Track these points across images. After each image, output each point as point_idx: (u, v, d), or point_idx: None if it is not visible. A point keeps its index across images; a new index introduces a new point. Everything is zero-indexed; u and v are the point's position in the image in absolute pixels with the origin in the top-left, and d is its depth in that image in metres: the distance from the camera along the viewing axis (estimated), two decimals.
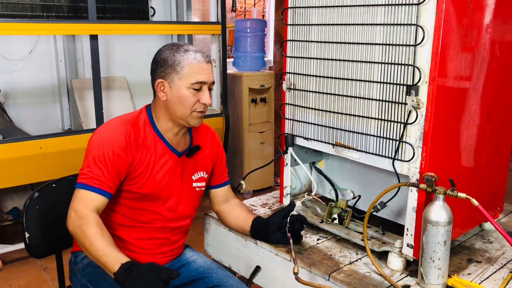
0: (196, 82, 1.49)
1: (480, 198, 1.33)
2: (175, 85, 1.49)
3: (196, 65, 1.49)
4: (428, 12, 1.31)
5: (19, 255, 3.06)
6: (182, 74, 1.49)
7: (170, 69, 1.49)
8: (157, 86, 1.52)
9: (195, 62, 1.49)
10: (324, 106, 1.64)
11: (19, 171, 2.75)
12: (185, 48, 1.51)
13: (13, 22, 2.77)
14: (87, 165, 1.44)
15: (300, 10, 1.67)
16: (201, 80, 1.49)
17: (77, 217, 1.37)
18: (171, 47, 1.53)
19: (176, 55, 1.50)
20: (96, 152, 1.45)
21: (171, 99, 1.51)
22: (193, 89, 1.49)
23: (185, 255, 1.71)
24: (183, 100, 1.50)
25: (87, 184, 1.42)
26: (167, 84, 1.50)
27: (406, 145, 1.42)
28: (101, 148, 1.45)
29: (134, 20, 3.64)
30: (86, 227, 1.35)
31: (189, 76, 1.48)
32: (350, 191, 1.80)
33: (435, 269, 1.35)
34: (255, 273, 1.69)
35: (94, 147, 1.46)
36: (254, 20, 4.33)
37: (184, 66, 1.48)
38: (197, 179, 1.65)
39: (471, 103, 1.50)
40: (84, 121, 3.45)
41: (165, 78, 1.50)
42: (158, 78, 1.52)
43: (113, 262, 1.29)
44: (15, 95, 3.41)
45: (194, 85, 1.49)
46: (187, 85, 1.49)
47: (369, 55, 1.48)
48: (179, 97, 1.50)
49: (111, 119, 1.56)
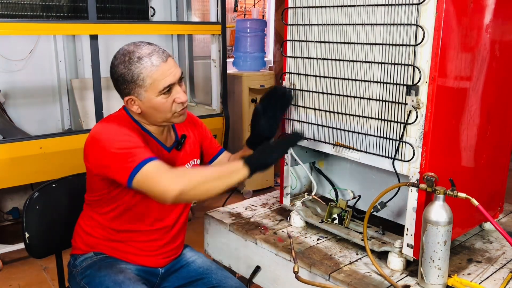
0: (163, 88, 1.41)
1: (480, 198, 1.33)
2: (144, 97, 1.42)
3: (156, 71, 1.39)
4: (428, 12, 1.31)
5: (19, 255, 3.06)
6: (146, 86, 1.40)
7: (132, 85, 1.41)
8: (127, 103, 1.46)
9: (154, 69, 1.39)
10: (324, 106, 1.64)
11: (19, 171, 2.75)
12: (137, 56, 1.40)
13: (13, 22, 2.77)
14: (122, 154, 1.34)
15: (300, 10, 1.67)
16: (167, 83, 1.41)
17: (171, 181, 1.29)
18: (123, 59, 1.42)
19: (131, 68, 1.40)
20: (120, 145, 1.36)
21: (146, 110, 1.45)
22: (164, 94, 1.42)
23: (185, 256, 1.71)
24: (159, 108, 1.43)
25: (142, 162, 1.32)
26: (135, 98, 1.43)
27: (406, 145, 1.42)
28: (116, 139, 1.38)
29: (134, 20, 3.63)
30: (184, 174, 1.33)
31: (154, 86, 1.40)
32: (350, 191, 1.80)
33: (435, 269, 1.35)
34: (255, 273, 1.69)
35: (109, 142, 1.37)
36: (254, 20, 4.33)
37: (144, 77, 1.39)
38: (192, 167, 1.65)
39: (471, 103, 1.50)
40: (84, 121, 3.45)
41: (132, 94, 1.43)
42: (125, 95, 1.45)
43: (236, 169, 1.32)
44: (15, 95, 3.41)
45: (163, 91, 1.41)
46: (156, 94, 1.41)
47: (369, 55, 1.48)
48: (153, 107, 1.43)
49: (101, 122, 1.49)
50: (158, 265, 1.61)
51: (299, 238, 1.70)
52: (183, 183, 1.30)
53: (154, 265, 1.60)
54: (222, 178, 1.33)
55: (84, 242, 1.58)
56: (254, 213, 1.92)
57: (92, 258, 1.55)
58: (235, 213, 1.91)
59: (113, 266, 1.52)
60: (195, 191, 1.32)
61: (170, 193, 1.29)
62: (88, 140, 1.45)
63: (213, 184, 1.33)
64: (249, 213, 1.92)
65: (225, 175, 1.34)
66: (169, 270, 1.65)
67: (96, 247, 1.57)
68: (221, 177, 1.33)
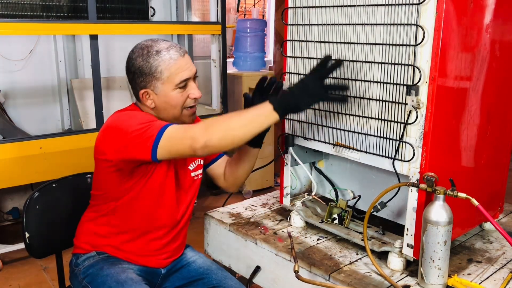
0: (180, 81, 1.44)
1: (480, 198, 1.33)
2: (160, 91, 1.44)
3: (174, 65, 1.43)
4: (428, 12, 1.31)
5: (19, 255, 3.06)
6: (163, 79, 1.43)
7: (150, 77, 1.43)
8: (142, 97, 1.47)
9: (172, 62, 1.42)
10: (324, 106, 1.64)
11: (19, 171, 2.75)
12: (156, 49, 1.43)
13: (13, 22, 2.77)
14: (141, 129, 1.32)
15: (300, 10, 1.67)
16: (184, 78, 1.44)
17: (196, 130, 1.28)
18: (141, 52, 1.44)
19: (149, 60, 1.42)
20: (136, 123, 1.35)
21: (160, 104, 1.47)
22: (179, 88, 1.45)
23: (185, 256, 1.71)
24: (173, 102, 1.46)
25: (162, 128, 1.31)
26: (151, 92, 1.45)
27: (406, 145, 1.42)
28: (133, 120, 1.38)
29: (134, 20, 3.64)
30: (209, 124, 1.28)
31: (171, 79, 1.43)
32: (350, 191, 1.80)
33: (435, 269, 1.35)
34: (255, 273, 1.69)
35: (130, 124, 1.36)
36: (254, 20, 4.33)
37: (162, 70, 1.42)
38: (195, 168, 1.64)
39: (471, 103, 1.50)
40: (84, 121, 3.46)
41: (148, 87, 1.45)
42: (141, 89, 1.46)
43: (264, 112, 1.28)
44: (15, 95, 3.41)
45: (179, 85, 1.44)
46: (173, 87, 1.44)
47: (369, 55, 1.48)
48: (167, 101, 1.46)
49: (114, 115, 1.50)
50: (160, 265, 1.62)
51: (299, 238, 1.70)
52: (208, 133, 1.27)
53: (156, 266, 1.61)
54: (250, 124, 1.29)
55: (87, 241, 1.58)
56: (254, 213, 1.92)
57: (95, 258, 1.56)
58: (235, 213, 1.91)
59: (115, 265, 1.52)
60: (222, 140, 1.29)
61: (197, 144, 1.27)
62: (102, 132, 1.46)
63: (242, 131, 1.29)
64: (249, 213, 1.92)
65: (253, 121, 1.30)
66: (170, 270, 1.66)
67: (98, 247, 1.57)
68: (249, 123, 1.28)
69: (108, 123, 1.46)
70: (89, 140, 2.88)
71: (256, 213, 1.92)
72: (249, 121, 1.29)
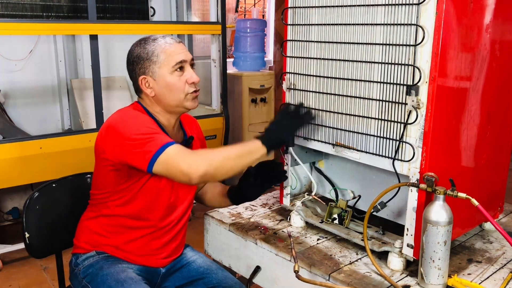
0: (176, 63, 1.49)
1: (480, 198, 1.33)
2: (158, 76, 1.49)
3: (169, 48, 1.49)
4: (428, 12, 1.31)
5: (19, 255, 3.06)
6: (160, 62, 1.48)
7: (147, 62, 1.49)
8: (142, 84, 1.51)
9: (167, 45, 1.49)
10: (324, 106, 1.64)
11: (19, 171, 2.75)
12: (152, 38, 1.52)
13: (13, 22, 2.77)
14: (142, 139, 1.36)
15: (300, 10, 1.67)
16: (180, 59, 1.49)
17: (191, 162, 1.32)
18: (139, 43, 1.53)
19: (146, 47, 1.49)
20: (137, 130, 1.39)
21: (160, 91, 1.50)
22: (176, 71, 1.49)
23: (185, 255, 1.71)
24: (172, 87, 1.49)
25: (163, 146, 1.34)
26: (150, 78, 1.50)
27: (406, 145, 1.42)
28: (136, 124, 1.41)
29: (134, 20, 3.64)
30: (205, 155, 1.36)
31: (167, 61, 1.48)
32: (350, 191, 1.80)
33: (435, 269, 1.35)
34: (255, 273, 1.69)
35: (132, 129, 1.39)
36: (254, 20, 4.33)
37: (158, 53, 1.48)
38: None
39: (471, 103, 1.50)
40: (84, 121, 3.46)
41: (146, 73, 1.50)
42: (139, 76, 1.51)
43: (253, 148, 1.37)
44: (15, 95, 3.41)
45: (175, 67, 1.49)
46: (170, 70, 1.48)
47: (369, 55, 1.48)
48: (166, 86, 1.49)
49: (116, 114, 1.51)
50: (159, 265, 1.62)
51: (299, 238, 1.70)
52: (206, 164, 1.33)
53: (155, 265, 1.61)
54: (242, 157, 1.38)
55: (87, 241, 1.58)
56: (254, 213, 1.92)
57: (94, 257, 1.56)
58: (235, 213, 1.91)
59: (115, 265, 1.52)
60: (218, 170, 1.35)
61: (194, 174, 1.32)
62: (103, 130, 1.47)
63: (235, 163, 1.37)
64: (249, 213, 1.92)
65: (245, 154, 1.39)
66: (170, 269, 1.66)
67: (98, 247, 1.57)
68: (241, 156, 1.37)
69: (110, 122, 1.47)
70: (89, 140, 2.88)
71: (256, 213, 1.92)
72: (242, 155, 1.37)
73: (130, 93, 3.70)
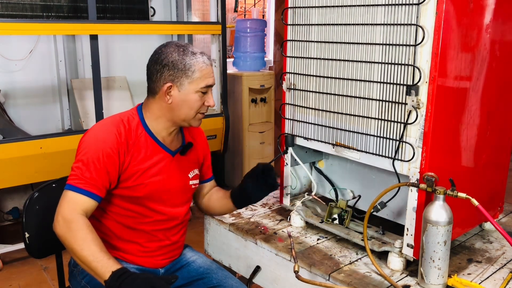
0: (205, 86, 1.50)
1: (480, 198, 1.33)
2: (185, 89, 1.49)
3: (205, 69, 1.50)
4: (428, 12, 1.32)
5: (19, 255, 3.06)
6: (193, 79, 1.48)
7: (181, 73, 1.48)
8: (165, 90, 1.50)
9: (204, 66, 1.50)
10: (324, 106, 1.64)
11: (19, 171, 2.75)
12: (191, 51, 1.50)
13: (13, 22, 2.77)
14: (77, 166, 1.42)
15: (300, 10, 1.67)
16: (210, 83, 1.51)
17: (65, 220, 1.33)
18: (177, 49, 1.50)
19: (185, 58, 1.48)
20: (86, 154, 1.43)
21: (178, 102, 1.50)
22: (201, 93, 1.50)
23: (185, 256, 1.71)
24: (191, 104, 1.50)
25: (75, 186, 1.39)
26: (175, 88, 1.49)
27: (406, 145, 1.42)
28: (91, 149, 1.44)
29: (134, 20, 3.63)
30: (76, 231, 1.31)
31: (199, 81, 1.49)
32: (350, 191, 1.80)
33: (435, 269, 1.35)
34: (255, 273, 1.69)
35: (85, 148, 1.45)
36: (254, 20, 4.33)
37: (195, 70, 1.48)
38: (193, 177, 1.65)
39: (471, 103, 1.50)
40: (84, 121, 3.45)
41: (174, 82, 1.49)
42: (167, 82, 1.49)
43: (103, 269, 1.26)
44: (15, 95, 3.41)
45: (203, 89, 1.50)
46: (197, 89, 1.49)
47: (369, 55, 1.48)
48: (186, 101, 1.50)
49: (102, 120, 1.55)
50: (157, 266, 1.62)
51: (299, 238, 1.70)
52: (60, 232, 1.33)
53: (154, 266, 1.61)
54: (85, 263, 1.30)
55: None
56: (254, 213, 1.92)
57: None
58: (235, 213, 1.91)
59: None
60: (66, 244, 1.33)
61: (55, 225, 1.35)
62: (80, 140, 1.51)
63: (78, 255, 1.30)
64: (249, 213, 1.92)
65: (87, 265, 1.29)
66: (169, 270, 1.65)
67: None
68: (87, 262, 1.29)
69: (85, 135, 1.51)
70: None
71: (256, 213, 1.92)
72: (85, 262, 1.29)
73: (130, 93, 3.70)
